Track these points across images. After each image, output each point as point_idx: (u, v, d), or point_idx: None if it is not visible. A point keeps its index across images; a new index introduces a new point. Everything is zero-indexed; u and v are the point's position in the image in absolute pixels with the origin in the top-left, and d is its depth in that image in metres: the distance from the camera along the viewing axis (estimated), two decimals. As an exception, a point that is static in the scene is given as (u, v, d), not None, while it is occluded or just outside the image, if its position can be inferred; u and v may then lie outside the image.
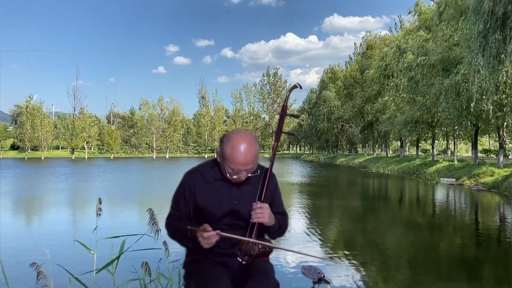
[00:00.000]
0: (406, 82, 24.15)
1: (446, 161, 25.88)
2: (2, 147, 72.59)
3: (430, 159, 28.70)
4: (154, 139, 75.11)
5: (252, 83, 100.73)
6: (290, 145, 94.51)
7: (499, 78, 14.41)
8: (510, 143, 33.90)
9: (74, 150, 66.71)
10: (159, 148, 76.18)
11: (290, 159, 61.81)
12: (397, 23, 49.79)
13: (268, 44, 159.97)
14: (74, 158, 62.29)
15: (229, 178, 1.86)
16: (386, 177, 25.02)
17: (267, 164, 1.95)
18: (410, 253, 6.72)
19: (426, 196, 16.00)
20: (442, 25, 19.81)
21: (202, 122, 77.70)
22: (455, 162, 24.28)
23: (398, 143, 41.73)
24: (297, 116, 2.15)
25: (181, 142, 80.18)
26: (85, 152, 67.65)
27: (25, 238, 7.63)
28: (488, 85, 14.10)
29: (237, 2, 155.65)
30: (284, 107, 1.89)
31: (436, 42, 21.48)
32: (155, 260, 2.92)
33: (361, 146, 53.35)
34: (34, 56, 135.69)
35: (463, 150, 48.39)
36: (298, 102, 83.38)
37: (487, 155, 36.75)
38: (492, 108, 15.57)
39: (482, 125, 21.11)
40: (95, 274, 2.62)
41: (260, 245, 1.84)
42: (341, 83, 49.89)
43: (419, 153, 36.67)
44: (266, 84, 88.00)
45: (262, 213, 1.82)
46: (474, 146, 23.05)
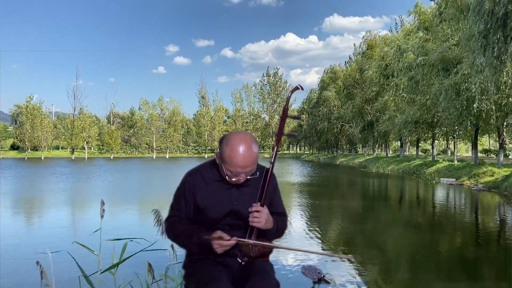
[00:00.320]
0: (406, 82, 24.16)
1: (446, 161, 25.88)
2: (2, 147, 72.59)
3: (430, 159, 28.70)
4: (154, 139, 75.12)
5: (252, 83, 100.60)
6: (290, 145, 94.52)
7: (500, 78, 14.42)
8: (510, 143, 33.89)
9: (74, 150, 66.72)
10: (159, 148, 76.18)
11: (290, 159, 61.79)
12: (397, 23, 49.83)
13: (268, 44, 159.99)
14: (74, 158, 62.29)
15: (228, 180, 1.86)
16: (386, 177, 25.02)
17: (267, 164, 1.94)
18: (410, 253, 6.72)
19: (426, 196, 16.00)
20: (442, 25, 19.82)
21: (202, 122, 77.73)
22: (455, 162, 24.28)
23: (398, 143, 41.73)
24: (298, 117, 2.11)
25: (181, 142, 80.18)
26: (85, 152, 67.65)
27: (25, 239, 7.62)
28: (490, 85, 14.10)
29: (237, 2, 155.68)
30: (285, 109, 1.87)
31: (436, 42, 21.49)
32: (156, 261, 2.93)
33: (361, 146, 53.35)
34: (34, 56, 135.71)
35: (463, 150, 48.39)
36: (298, 102, 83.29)
37: (487, 155, 36.76)
38: (494, 108, 15.59)
39: (482, 124, 21.11)
40: (100, 274, 2.63)
41: (259, 246, 1.85)
42: (341, 83, 49.91)
43: (419, 153, 36.68)
44: (266, 84, 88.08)
45: (259, 217, 1.81)
46: (474, 146, 23.06)
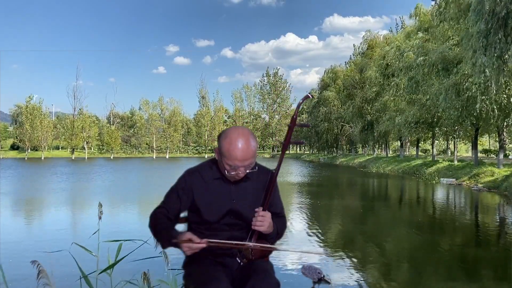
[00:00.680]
0: (406, 82, 24.17)
1: (446, 161, 25.88)
2: (2, 147, 72.59)
3: (430, 159, 28.70)
4: (154, 139, 75.12)
5: (252, 83, 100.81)
6: (290, 145, 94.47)
7: (501, 78, 14.41)
8: (510, 143, 33.90)
9: (74, 150, 66.71)
10: (159, 148, 76.19)
11: (290, 159, 61.80)
12: (398, 24, 49.87)
13: (268, 44, 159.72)
14: (74, 158, 62.29)
15: (227, 176, 1.85)
16: (386, 177, 25.03)
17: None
18: (410, 253, 6.72)
19: (426, 196, 16.01)
20: (442, 25, 19.83)
21: (202, 122, 77.71)
22: (455, 162, 24.28)
23: (398, 143, 41.72)
24: (307, 125, 2.12)
25: (181, 142, 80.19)
26: (85, 152, 67.64)
27: (25, 239, 7.62)
28: (493, 85, 14.09)
29: (237, 2, 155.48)
30: (293, 118, 1.85)
31: (436, 42, 21.49)
32: (155, 263, 2.92)
33: (361, 146, 53.35)
34: (34, 56, 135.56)
35: (463, 150, 48.39)
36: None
37: (487, 155, 36.75)
38: (495, 108, 15.59)
39: (482, 124, 21.10)
40: (97, 275, 2.63)
41: (258, 248, 1.85)
42: (340, 83, 49.93)
43: (419, 153, 36.68)
44: (266, 84, 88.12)
45: (263, 221, 1.82)
46: (474, 146, 23.05)
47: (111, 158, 65.30)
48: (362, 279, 5.09)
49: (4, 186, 17.39)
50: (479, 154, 27.90)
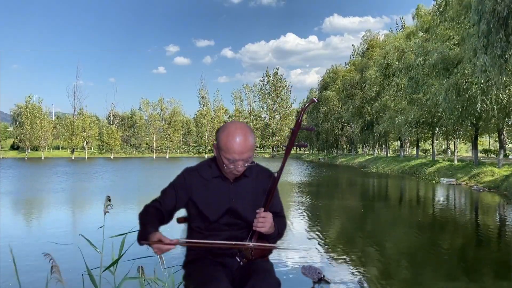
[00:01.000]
0: (407, 82, 24.17)
1: (446, 161, 25.88)
2: (2, 147, 72.59)
3: (430, 159, 28.69)
4: (154, 139, 75.14)
5: (252, 83, 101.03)
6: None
7: (502, 78, 14.41)
8: (510, 143, 33.91)
9: (74, 150, 66.73)
10: (159, 148, 76.20)
11: (291, 159, 61.79)
12: (398, 24, 49.86)
13: (268, 44, 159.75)
14: (74, 158, 62.30)
15: (226, 172, 1.84)
16: (386, 177, 25.02)
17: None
18: (410, 252, 6.72)
19: (426, 196, 16.01)
20: (442, 25, 19.83)
21: (202, 122, 77.74)
22: (455, 162, 24.28)
23: (398, 143, 41.71)
24: (312, 129, 2.05)
25: (181, 142, 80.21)
26: (85, 152, 67.68)
27: (25, 239, 7.62)
28: (494, 85, 14.08)
29: (237, 2, 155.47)
30: (298, 123, 1.82)
31: (436, 42, 21.48)
32: (155, 260, 2.92)
33: (361, 146, 53.35)
34: (34, 56, 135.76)
35: (463, 150, 48.39)
36: (297, 102, 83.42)
37: (487, 155, 36.75)
38: (495, 107, 15.58)
39: (483, 124, 21.10)
40: (101, 272, 2.64)
41: (258, 248, 1.85)
42: (340, 83, 49.91)
43: (419, 153, 36.66)
44: (266, 84, 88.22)
45: (264, 222, 1.82)
46: (474, 146, 23.05)
47: (111, 158, 65.30)
48: (362, 279, 5.09)
49: (4, 186, 17.39)
50: (479, 154, 27.90)
